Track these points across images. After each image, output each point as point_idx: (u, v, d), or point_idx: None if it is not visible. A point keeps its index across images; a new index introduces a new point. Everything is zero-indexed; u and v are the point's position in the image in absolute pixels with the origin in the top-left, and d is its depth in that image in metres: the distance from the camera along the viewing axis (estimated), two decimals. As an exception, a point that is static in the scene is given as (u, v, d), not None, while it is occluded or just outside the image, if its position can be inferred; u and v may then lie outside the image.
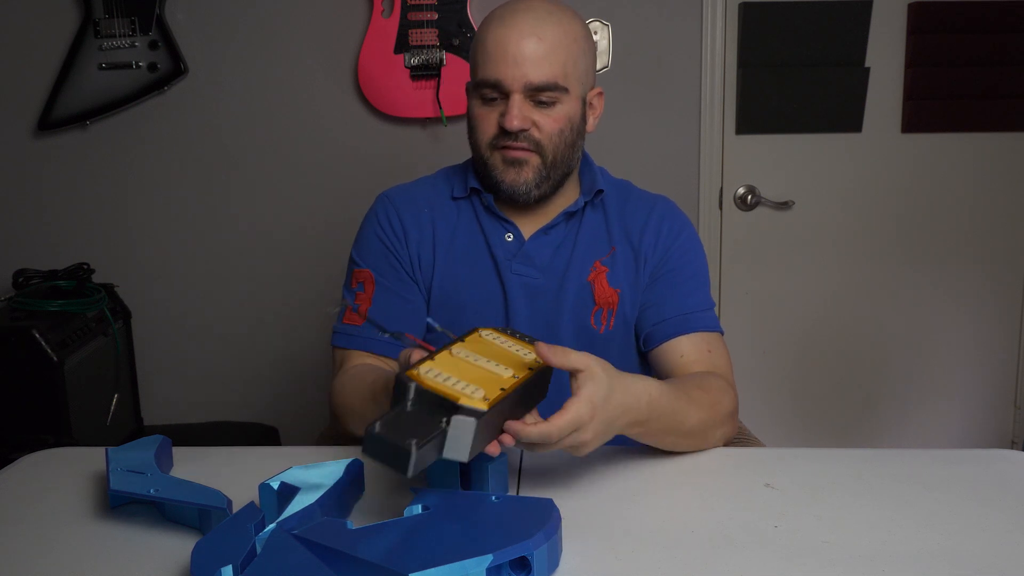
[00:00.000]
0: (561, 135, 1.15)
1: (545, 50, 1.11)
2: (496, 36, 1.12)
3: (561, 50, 1.12)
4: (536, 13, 1.12)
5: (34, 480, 1.02)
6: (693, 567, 0.79)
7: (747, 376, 2.41)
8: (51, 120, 2.18)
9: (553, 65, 1.11)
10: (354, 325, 1.21)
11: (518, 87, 1.11)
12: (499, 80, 1.11)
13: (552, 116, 1.14)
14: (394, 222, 1.23)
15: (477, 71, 1.15)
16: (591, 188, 1.23)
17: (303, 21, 2.21)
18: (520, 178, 1.15)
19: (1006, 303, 2.39)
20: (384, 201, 1.26)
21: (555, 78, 1.12)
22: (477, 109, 1.16)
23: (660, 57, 2.23)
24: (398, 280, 1.22)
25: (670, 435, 1.01)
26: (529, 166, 1.15)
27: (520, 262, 1.21)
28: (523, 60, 1.10)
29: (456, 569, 0.70)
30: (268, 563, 0.73)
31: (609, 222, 1.24)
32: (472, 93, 1.17)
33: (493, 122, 1.14)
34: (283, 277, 2.32)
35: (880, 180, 2.32)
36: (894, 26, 2.23)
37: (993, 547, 0.82)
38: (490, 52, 1.12)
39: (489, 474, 0.89)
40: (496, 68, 1.11)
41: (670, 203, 1.28)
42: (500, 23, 1.13)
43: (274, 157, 2.27)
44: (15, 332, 1.80)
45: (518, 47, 1.10)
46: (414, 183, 1.29)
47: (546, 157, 1.15)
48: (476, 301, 1.21)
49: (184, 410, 2.35)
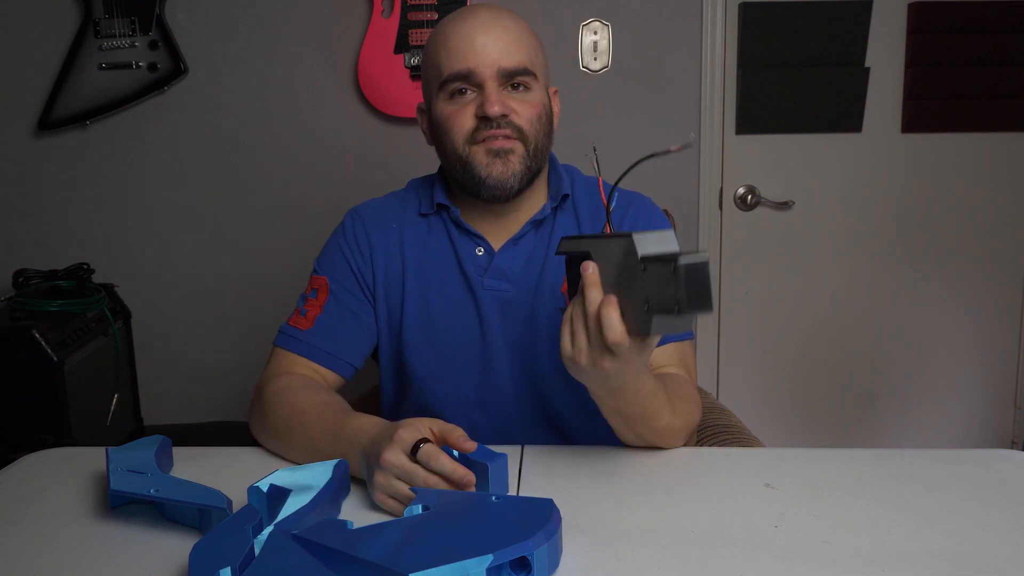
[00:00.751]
0: (540, 121, 1.14)
1: (511, 37, 1.11)
2: (459, 31, 1.11)
3: (524, 37, 1.13)
4: (491, 10, 1.13)
5: (34, 480, 1.02)
6: (693, 567, 0.79)
7: (747, 376, 2.41)
8: (51, 120, 2.18)
9: (520, 51, 1.11)
10: (299, 328, 1.19)
11: (491, 73, 1.10)
12: (470, 69, 1.10)
13: (528, 101, 1.13)
14: (360, 239, 1.22)
15: (442, 69, 1.12)
16: (557, 193, 1.21)
17: (303, 21, 2.21)
18: (508, 170, 1.12)
19: (1006, 303, 2.39)
20: (354, 216, 1.25)
21: (524, 63, 1.11)
22: (446, 108, 1.13)
23: (660, 57, 2.23)
24: (352, 296, 1.21)
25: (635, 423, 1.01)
26: (515, 155, 1.12)
27: (492, 276, 1.19)
28: (492, 47, 1.09)
29: (456, 569, 0.70)
30: (267, 564, 0.73)
31: (581, 226, 1.22)
32: (436, 95, 1.14)
33: (468, 116, 1.11)
34: (283, 276, 2.32)
35: (880, 180, 2.32)
36: (894, 26, 2.23)
37: (993, 547, 0.81)
38: (455, 46, 1.10)
39: (489, 474, 0.89)
40: (464, 59, 1.10)
41: (646, 202, 1.26)
42: (457, 21, 1.12)
43: (274, 157, 2.27)
44: (15, 332, 1.80)
45: (485, 36, 1.10)
46: (384, 199, 1.28)
47: (528, 145, 1.13)
48: (449, 318, 1.20)
49: (184, 410, 2.35)
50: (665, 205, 1.79)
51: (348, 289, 1.21)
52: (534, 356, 1.19)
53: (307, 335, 1.18)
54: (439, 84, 1.13)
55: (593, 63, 2.22)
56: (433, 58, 1.14)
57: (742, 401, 2.35)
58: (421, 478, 0.86)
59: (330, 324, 1.18)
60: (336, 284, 1.21)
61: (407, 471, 0.87)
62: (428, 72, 1.16)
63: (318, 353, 1.17)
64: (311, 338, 1.18)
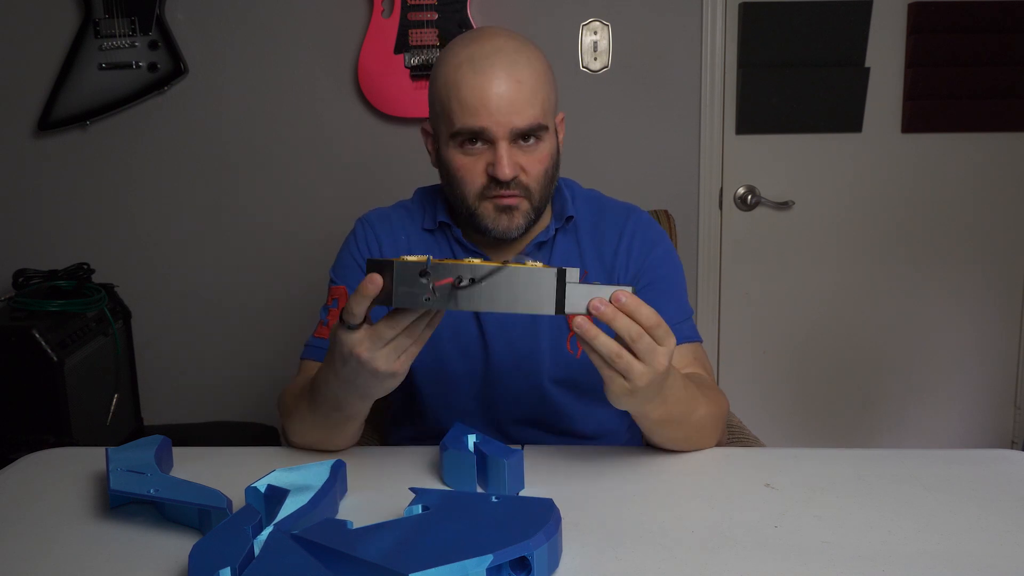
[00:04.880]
0: (546, 175, 1.15)
1: (526, 94, 1.09)
2: (472, 84, 1.09)
3: (539, 90, 1.11)
4: (506, 54, 1.10)
5: (34, 480, 1.02)
6: (693, 567, 0.79)
7: (747, 376, 2.41)
8: (51, 120, 2.18)
9: (534, 107, 1.10)
10: (323, 339, 1.19)
11: (503, 133, 1.09)
12: (483, 128, 1.09)
13: (537, 157, 1.13)
14: (372, 245, 1.24)
15: (454, 120, 1.11)
16: (561, 214, 1.22)
17: (303, 21, 2.21)
18: (512, 224, 1.14)
19: (1006, 303, 2.39)
20: (364, 224, 1.26)
21: (537, 119, 1.11)
22: (458, 159, 1.13)
23: (660, 57, 2.23)
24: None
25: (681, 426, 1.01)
26: (519, 211, 1.14)
27: None
28: (505, 107, 1.08)
29: (456, 569, 0.70)
30: (266, 564, 0.73)
31: (581, 245, 1.23)
32: (447, 139, 1.14)
33: (480, 172, 1.12)
34: (283, 276, 2.32)
35: (880, 180, 2.32)
36: (894, 26, 2.23)
37: (993, 547, 0.82)
38: (468, 101, 1.09)
39: (506, 471, 0.90)
40: (478, 117, 1.09)
41: (642, 216, 1.27)
42: (472, 69, 1.09)
43: (274, 157, 2.27)
44: (15, 332, 1.80)
45: (499, 94, 1.08)
46: (392, 208, 1.29)
47: (533, 199, 1.14)
48: (452, 333, 1.20)
49: (184, 410, 2.35)
50: (665, 205, 1.80)
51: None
52: (536, 367, 1.21)
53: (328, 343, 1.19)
54: (450, 133, 1.13)
55: (593, 63, 2.22)
56: (444, 101, 1.12)
57: (742, 401, 2.35)
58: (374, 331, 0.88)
59: None
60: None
61: (372, 342, 0.88)
62: (438, 109, 1.15)
63: None
64: None
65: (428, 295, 0.82)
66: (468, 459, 0.94)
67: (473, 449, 0.95)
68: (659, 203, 1.85)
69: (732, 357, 2.39)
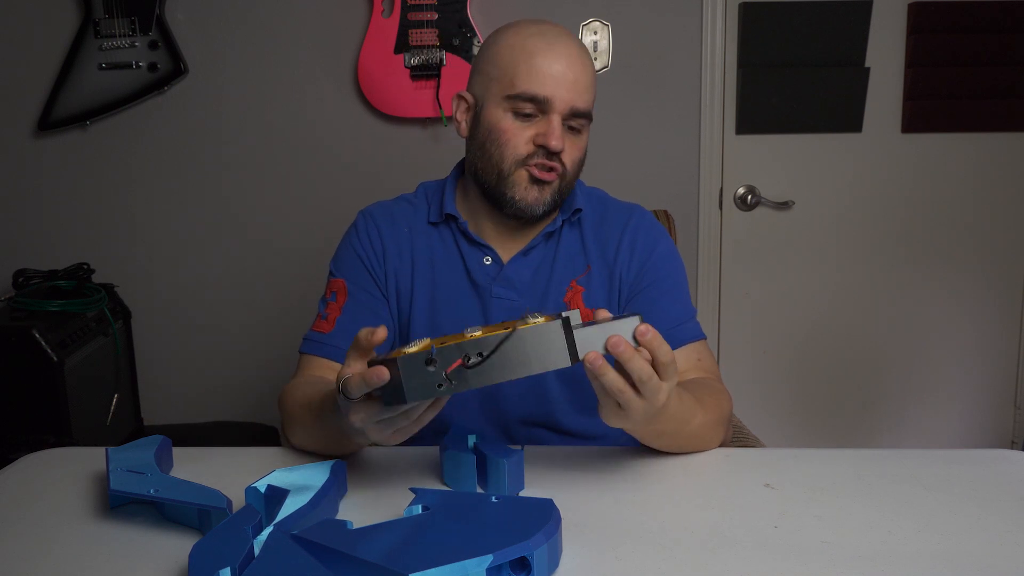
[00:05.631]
0: (580, 164, 1.18)
1: (588, 79, 1.14)
2: (547, 53, 1.11)
3: (594, 83, 1.16)
4: (572, 40, 1.14)
5: (34, 480, 1.02)
6: (693, 567, 0.79)
7: (747, 376, 2.41)
8: (51, 120, 2.18)
9: (591, 94, 1.14)
10: (321, 332, 1.20)
11: (563, 108, 1.11)
12: (548, 98, 1.10)
13: (578, 144, 1.16)
14: (374, 239, 1.23)
15: (517, 83, 1.11)
16: (570, 206, 1.23)
17: (303, 21, 2.21)
18: (541, 198, 1.15)
19: (1006, 303, 2.39)
20: (365, 217, 1.26)
21: (591, 107, 1.14)
22: (507, 123, 1.13)
23: (660, 57, 2.23)
24: (370, 295, 1.22)
25: (675, 437, 1.01)
26: (550, 187, 1.15)
27: (501, 285, 1.20)
28: (573, 84, 1.11)
29: (456, 569, 0.70)
30: (266, 564, 0.73)
31: (585, 240, 1.23)
32: (496, 101, 1.14)
33: (526, 139, 1.13)
34: (283, 276, 2.32)
35: (880, 180, 2.32)
36: (894, 26, 2.23)
37: (993, 547, 0.81)
38: (539, 67, 1.10)
39: (506, 469, 0.90)
40: (544, 85, 1.10)
41: (644, 215, 1.27)
42: (545, 41, 1.12)
43: (274, 157, 2.27)
44: (15, 332, 1.80)
45: (571, 71, 1.11)
46: (394, 201, 1.29)
47: (564, 181, 1.16)
48: (457, 325, 1.20)
49: (184, 410, 2.35)
50: (665, 205, 1.80)
51: (365, 288, 1.22)
52: None
53: (328, 337, 1.19)
54: (506, 94, 1.13)
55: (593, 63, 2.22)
56: (508, 65, 1.13)
57: (742, 401, 2.35)
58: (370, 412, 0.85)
59: (350, 324, 1.19)
60: (353, 285, 1.22)
61: (369, 416, 0.85)
62: (493, 73, 1.14)
63: (339, 353, 1.18)
64: (332, 339, 1.19)
65: (442, 382, 0.78)
66: (468, 459, 0.94)
67: (473, 449, 0.95)
68: (659, 203, 1.85)
69: (732, 357, 2.39)
